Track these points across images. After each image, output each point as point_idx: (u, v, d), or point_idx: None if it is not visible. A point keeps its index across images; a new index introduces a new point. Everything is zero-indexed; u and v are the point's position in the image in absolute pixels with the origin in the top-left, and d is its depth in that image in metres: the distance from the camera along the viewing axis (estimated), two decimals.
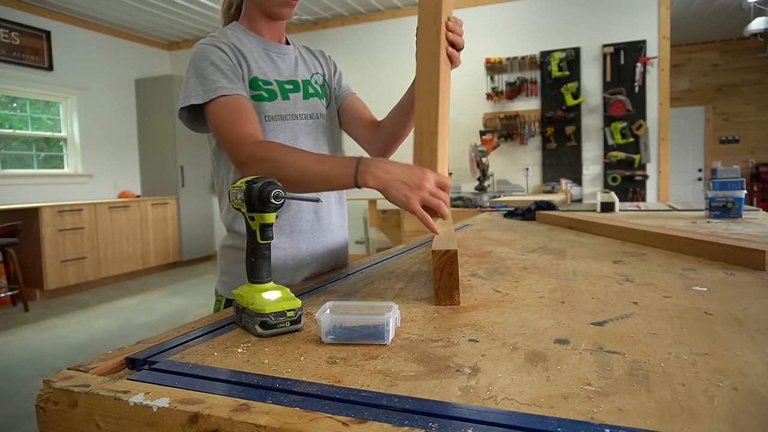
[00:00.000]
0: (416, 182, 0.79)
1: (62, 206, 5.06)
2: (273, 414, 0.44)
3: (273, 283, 0.72)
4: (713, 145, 7.75)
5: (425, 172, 0.80)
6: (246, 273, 0.73)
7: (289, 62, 1.15)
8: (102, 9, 5.58)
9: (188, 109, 1.02)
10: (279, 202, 0.68)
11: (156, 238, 6.18)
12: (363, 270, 1.12)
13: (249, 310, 0.68)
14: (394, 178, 0.80)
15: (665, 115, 4.95)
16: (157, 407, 0.47)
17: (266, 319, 0.65)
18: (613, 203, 2.19)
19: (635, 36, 4.98)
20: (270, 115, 1.06)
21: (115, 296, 5.01)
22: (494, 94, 5.42)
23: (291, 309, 0.67)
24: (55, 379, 0.53)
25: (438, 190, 0.79)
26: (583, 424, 0.40)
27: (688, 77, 7.81)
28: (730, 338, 0.59)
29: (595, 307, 0.74)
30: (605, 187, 5.15)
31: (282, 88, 1.09)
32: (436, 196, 0.79)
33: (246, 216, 0.72)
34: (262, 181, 0.69)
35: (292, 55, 1.17)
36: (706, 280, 0.89)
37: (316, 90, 1.16)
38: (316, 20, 6.15)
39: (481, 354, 0.56)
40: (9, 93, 5.28)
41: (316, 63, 1.22)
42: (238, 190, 0.71)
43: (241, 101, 0.98)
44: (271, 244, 0.72)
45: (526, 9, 5.36)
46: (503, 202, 3.12)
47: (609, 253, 1.19)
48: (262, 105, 1.05)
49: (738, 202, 1.82)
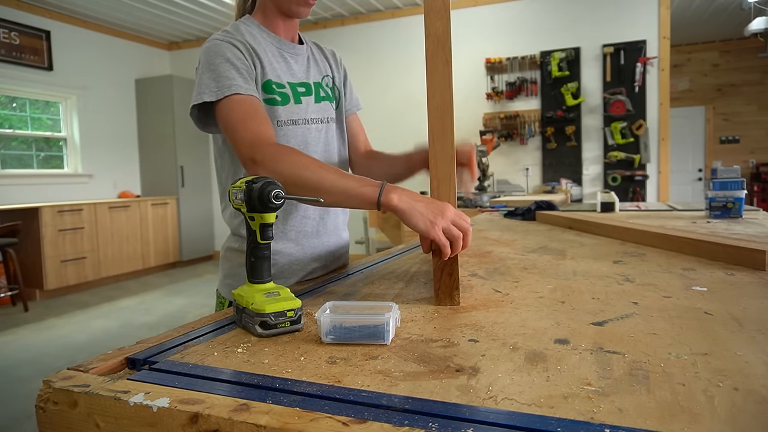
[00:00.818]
0: (439, 211, 0.78)
1: (62, 206, 5.06)
2: (273, 414, 0.44)
3: (273, 283, 0.72)
4: (713, 145, 7.76)
5: (446, 204, 0.80)
6: (246, 273, 0.73)
7: (301, 63, 1.12)
8: (102, 9, 5.58)
9: (199, 107, 0.98)
10: (279, 202, 0.68)
11: (156, 238, 6.18)
12: (363, 270, 1.12)
13: (249, 310, 0.68)
14: (418, 203, 0.79)
15: (665, 115, 4.95)
16: (157, 407, 0.47)
17: (266, 319, 0.65)
18: (613, 203, 2.19)
19: (635, 36, 4.98)
20: (282, 119, 1.04)
21: (115, 296, 5.01)
22: (494, 94, 5.42)
23: (291, 309, 0.67)
24: (55, 379, 0.53)
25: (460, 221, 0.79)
26: (583, 424, 0.40)
27: (688, 77, 7.81)
28: (730, 338, 0.59)
29: (595, 307, 0.74)
30: (605, 187, 5.15)
31: (294, 90, 1.07)
32: (458, 226, 0.78)
33: (246, 216, 0.71)
34: (262, 181, 0.68)
35: (304, 56, 1.14)
36: (706, 280, 0.89)
37: (327, 93, 1.14)
38: (316, 20, 6.15)
39: (481, 354, 0.56)
40: (9, 93, 5.28)
41: (327, 65, 1.20)
42: (238, 190, 0.71)
43: (255, 102, 0.96)
44: (270, 245, 0.72)
45: (526, 9, 5.36)
46: (503, 202, 3.12)
47: (609, 253, 1.19)
48: (275, 109, 1.03)
49: (738, 202, 1.82)
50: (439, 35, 0.79)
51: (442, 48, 0.79)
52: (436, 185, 0.81)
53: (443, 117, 0.80)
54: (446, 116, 0.80)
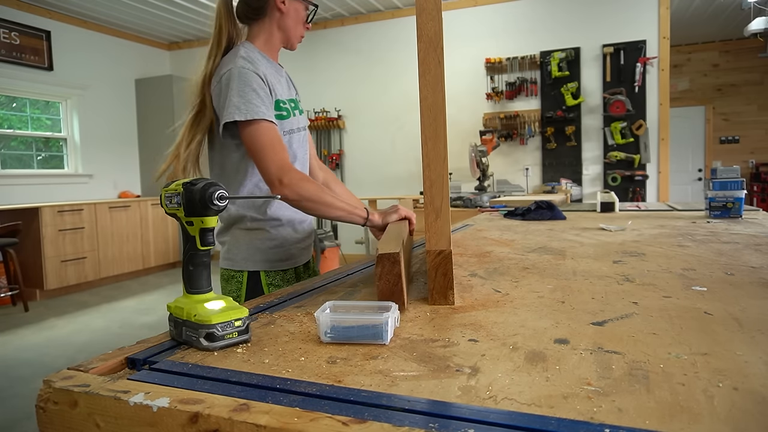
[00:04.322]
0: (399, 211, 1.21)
1: (62, 206, 5.06)
2: (273, 414, 0.44)
3: (213, 293, 0.67)
4: (713, 145, 7.75)
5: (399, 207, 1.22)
6: (183, 284, 0.67)
7: (284, 82, 1.34)
8: (102, 9, 5.58)
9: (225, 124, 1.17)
10: (223, 203, 0.63)
11: (156, 238, 6.18)
12: (363, 270, 1.12)
13: (191, 322, 0.62)
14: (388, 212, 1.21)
15: (665, 115, 4.95)
16: (157, 407, 0.47)
17: (213, 330, 0.60)
18: (613, 203, 2.19)
19: (635, 36, 4.98)
20: (286, 130, 1.27)
21: (115, 296, 5.01)
22: (494, 94, 5.42)
23: (238, 318, 0.62)
24: (55, 379, 0.53)
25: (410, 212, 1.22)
26: (583, 424, 0.40)
27: (688, 77, 7.81)
28: (730, 338, 0.59)
29: (595, 307, 0.74)
30: (605, 187, 5.15)
31: (289, 106, 1.30)
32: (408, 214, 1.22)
33: (183, 222, 0.66)
34: (203, 182, 0.64)
35: (285, 76, 1.37)
36: (706, 280, 0.89)
37: (299, 106, 1.38)
38: (316, 20, 6.15)
39: (481, 354, 0.57)
40: (9, 93, 5.28)
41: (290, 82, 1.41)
42: (173, 193, 0.65)
43: (277, 130, 1.18)
44: (210, 252, 0.68)
45: (526, 9, 5.36)
46: (503, 202, 3.12)
47: (609, 253, 1.19)
48: (282, 122, 1.25)
49: (738, 202, 1.82)
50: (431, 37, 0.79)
51: (434, 49, 0.79)
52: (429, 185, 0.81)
53: (436, 118, 0.80)
54: (439, 117, 0.80)
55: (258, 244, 1.27)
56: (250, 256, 1.27)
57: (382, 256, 0.76)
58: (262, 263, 1.28)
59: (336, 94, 6.14)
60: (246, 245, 1.27)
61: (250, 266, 1.27)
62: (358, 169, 6.12)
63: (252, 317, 0.75)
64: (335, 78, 6.15)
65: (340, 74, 6.16)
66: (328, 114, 6.15)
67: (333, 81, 6.16)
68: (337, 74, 6.16)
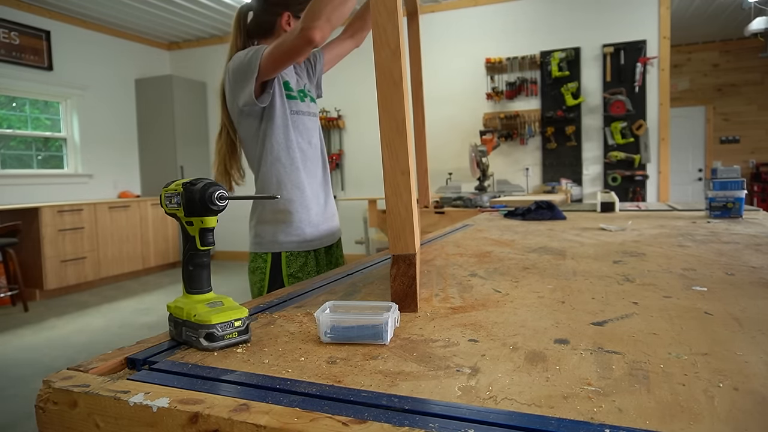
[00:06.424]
0: None
1: (62, 206, 5.06)
2: (273, 414, 0.44)
3: (213, 293, 0.67)
4: (713, 145, 7.75)
5: None
6: (183, 284, 0.68)
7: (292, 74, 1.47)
8: (102, 9, 5.58)
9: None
10: (223, 203, 0.63)
11: (156, 238, 6.18)
12: (363, 270, 1.12)
13: (191, 322, 0.62)
14: None
15: (665, 115, 4.95)
16: (157, 407, 0.47)
17: (213, 330, 0.60)
18: (613, 203, 2.19)
19: (635, 36, 4.98)
20: (294, 110, 1.42)
21: (115, 296, 5.01)
22: (494, 94, 5.42)
23: (238, 318, 0.62)
24: (54, 379, 0.53)
25: None
26: (583, 424, 0.40)
27: (688, 77, 7.81)
28: (730, 338, 0.59)
29: (595, 307, 0.74)
30: (605, 187, 5.15)
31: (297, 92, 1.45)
32: None
33: (182, 222, 0.66)
34: (202, 183, 0.63)
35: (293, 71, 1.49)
36: (706, 280, 0.89)
37: (311, 96, 1.53)
38: None
39: (481, 354, 0.56)
40: (8, 93, 5.27)
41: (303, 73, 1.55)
42: (173, 193, 0.65)
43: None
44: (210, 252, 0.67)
45: (526, 9, 5.36)
46: (503, 202, 3.12)
47: (609, 253, 1.19)
48: (290, 102, 1.41)
49: (738, 202, 1.82)
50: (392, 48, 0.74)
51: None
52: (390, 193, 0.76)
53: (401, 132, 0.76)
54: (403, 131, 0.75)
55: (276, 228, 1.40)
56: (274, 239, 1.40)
57: (398, 257, 0.75)
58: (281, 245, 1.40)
59: (336, 94, 6.14)
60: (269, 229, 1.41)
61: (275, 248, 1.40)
62: (358, 169, 6.12)
63: (252, 317, 0.75)
64: (335, 78, 6.15)
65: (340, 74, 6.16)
66: (328, 114, 6.15)
67: (333, 81, 6.16)
68: (337, 74, 6.16)
